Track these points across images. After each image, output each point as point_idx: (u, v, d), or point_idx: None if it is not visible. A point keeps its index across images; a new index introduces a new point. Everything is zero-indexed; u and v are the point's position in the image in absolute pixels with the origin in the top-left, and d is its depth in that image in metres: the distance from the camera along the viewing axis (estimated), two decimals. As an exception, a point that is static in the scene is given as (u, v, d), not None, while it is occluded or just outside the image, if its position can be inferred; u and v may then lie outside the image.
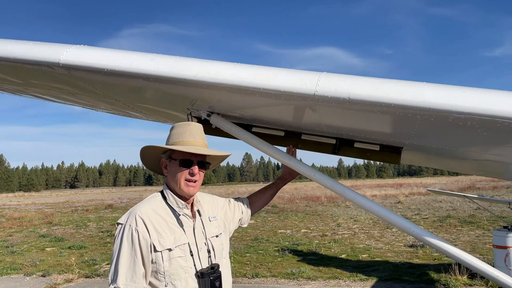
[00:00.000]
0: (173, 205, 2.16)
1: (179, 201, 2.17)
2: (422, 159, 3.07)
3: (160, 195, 2.21)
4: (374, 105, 1.86)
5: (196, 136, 2.22)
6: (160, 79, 2.13)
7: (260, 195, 2.77)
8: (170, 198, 2.17)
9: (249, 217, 2.67)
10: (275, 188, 2.81)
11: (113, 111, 3.42)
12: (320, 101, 1.95)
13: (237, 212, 2.56)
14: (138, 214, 2.03)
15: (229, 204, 2.56)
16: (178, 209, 2.16)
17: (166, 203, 2.15)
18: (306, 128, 2.59)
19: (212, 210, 2.38)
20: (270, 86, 1.98)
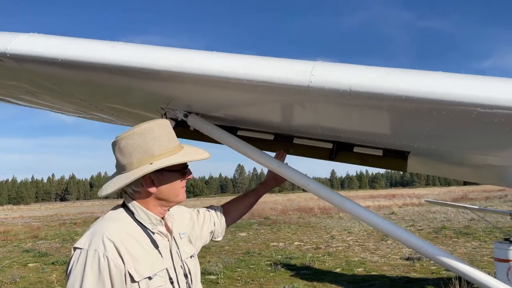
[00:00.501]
0: (145, 221, 1.75)
1: (153, 216, 1.77)
2: (429, 166, 2.73)
3: (124, 210, 1.78)
4: (381, 98, 1.53)
5: (175, 136, 1.89)
6: (124, 70, 1.78)
7: (237, 203, 2.40)
8: (140, 213, 1.75)
9: (223, 229, 2.29)
10: (256, 196, 2.44)
11: (82, 113, 3.06)
12: (315, 94, 1.61)
13: (207, 224, 2.18)
14: (106, 236, 1.61)
15: (197, 216, 2.16)
16: (151, 227, 1.76)
17: (135, 220, 1.76)
18: (298, 130, 2.25)
19: (180, 224, 2.01)
20: (255, 77, 1.64)
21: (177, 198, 1.83)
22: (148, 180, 1.75)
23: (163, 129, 1.81)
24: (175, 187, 1.81)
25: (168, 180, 1.79)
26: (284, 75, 1.62)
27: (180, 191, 1.83)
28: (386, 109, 1.61)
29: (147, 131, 1.77)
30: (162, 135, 1.78)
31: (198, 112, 2.20)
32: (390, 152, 2.27)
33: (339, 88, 1.56)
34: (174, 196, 1.81)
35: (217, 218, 2.25)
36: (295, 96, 1.69)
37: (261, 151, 2.15)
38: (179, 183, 1.82)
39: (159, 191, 1.77)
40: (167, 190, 1.79)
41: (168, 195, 1.79)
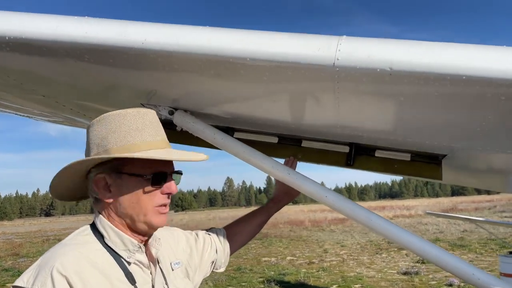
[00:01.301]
0: (118, 247, 1.29)
1: (129, 240, 1.30)
2: (463, 173, 2.34)
3: (92, 232, 1.32)
4: (433, 79, 1.14)
5: (159, 131, 1.38)
6: (92, 49, 1.37)
7: (244, 224, 1.91)
8: (112, 235, 1.30)
9: (227, 257, 1.82)
10: (266, 215, 1.97)
11: (50, 116, 2.61)
12: (342, 77, 1.22)
13: (207, 252, 1.71)
14: (57, 269, 1.15)
15: (195, 241, 1.69)
16: (126, 254, 1.30)
17: (105, 244, 1.29)
18: (310, 130, 1.85)
19: (173, 251, 1.55)
20: (264, 54, 1.24)
21: (145, 218, 1.30)
22: (102, 185, 1.31)
23: (143, 117, 1.36)
24: (140, 201, 1.29)
25: (130, 188, 1.29)
26: (300, 50, 1.22)
27: (149, 209, 1.30)
28: (435, 95, 1.22)
29: (121, 116, 1.35)
30: (143, 124, 1.34)
31: (186, 109, 1.79)
32: (420, 156, 1.88)
33: (376, 67, 1.17)
34: (139, 213, 1.30)
35: (219, 244, 1.77)
36: (314, 81, 1.29)
37: (265, 156, 1.73)
38: (150, 195, 1.30)
39: (117, 202, 1.30)
40: (129, 203, 1.29)
41: (131, 210, 1.30)
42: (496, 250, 14.47)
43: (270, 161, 1.72)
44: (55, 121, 2.88)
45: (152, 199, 1.30)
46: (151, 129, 1.36)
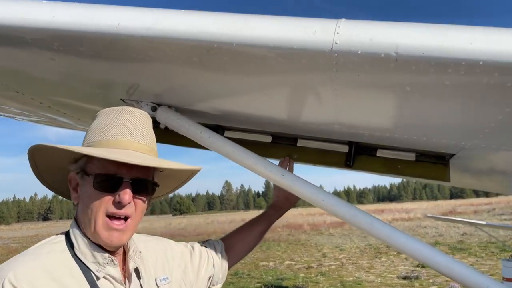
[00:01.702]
0: (87, 259, 1.15)
1: (98, 250, 1.17)
2: (475, 175, 2.18)
3: (64, 240, 1.20)
4: (446, 65, 0.99)
5: (135, 131, 1.24)
6: (60, 36, 1.22)
7: (243, 235, 1.75)
8: (82, 246, 1.16)
9: (225, 272, 1.65)
10: (267, 223, 1.81)
11: (30, 115, 2.45)
12: (341, 63, 1.07)
13: (204, 267, 1.53)
14: (9, 279, 1.01)
15: (191, 255, 1.52)
16: (95, 268, 1.15)
17: (74, 255, 1.16)
18: (306, 127, 1.70)
19: (162, 265, 1.38)
20: (251, 38, 1.09)
21: (95, 229, 1.14)
22: (73, 184, 1.23)
23: (121, 116, 1.26)
24: (92, 205, 1.14)
25: (86, 188, 1.17)
26: (293, 34, 1.07)
27: (99, 217, 1.13)
28: (447, 84, 1.07)
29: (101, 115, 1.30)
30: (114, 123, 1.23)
31: (170, 104, 1.63)
32: (426, 155, 1.73)
33: (380, 51, 1.02)
34: (89, 221, 1.15)
35: (217, 258, 1.60)
36: (310, 69, 1.14)
37: (258, 156, 1.58)
38: (101, 201, 1.14)
39: (80, 204, 1.21)
40: (84, 207, 1.17)
41: (84, 216, 1.17)
42: (497, 253, 14.32)
43: (263, 162, 1.56)
44: (38, 121, 2.73)
45: (101, 205, 1.15)
46: (122, 126, 1.24)
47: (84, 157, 1.19)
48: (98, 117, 1.29)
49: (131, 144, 1.21)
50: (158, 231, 35.27)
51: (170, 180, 1.42)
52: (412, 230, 25.35)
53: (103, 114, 1.28)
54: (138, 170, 1.18)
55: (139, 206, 1.21)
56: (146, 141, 1.27)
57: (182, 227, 39.82)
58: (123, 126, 1.23)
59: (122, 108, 1.29)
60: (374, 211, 55.49)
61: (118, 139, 1.20)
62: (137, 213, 1.21)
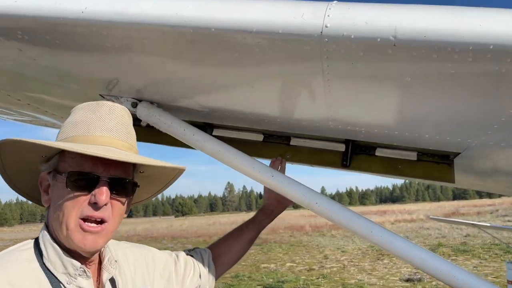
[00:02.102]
0: (56, 269, 1.03)
1: (69, 261, 1.04)
2: (481, 176, 2.05)
3: (33, 247, 1.08)
4: (452, 50, 0.87)
5: (113, 127, 1.12)
6: (23, 23, 1.11)
7: (232, 242, 1.63)
8: (51, 255, 1.04)
9: (212, 283, 1.52)
10: (256, 229, 1.68)
11: (16, 114, 2.34)
12: (333, 50, 0.95)
13: (189, 277, 1.41)
14: None
15: (175, 264, 1.40)
16: (65, 279, 1.03)
17: (42, 264, 1.03)
18: (299, 125, 1.57)
19: (142, 275, 1.26)
20: (232, 21, 0.97)
21: (67, 233, 1.02)
22: (44, 185, 1.11)
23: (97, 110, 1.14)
24: (64, 208, 1.03)
25: (59, 189, 1.05)
26: (279, 17, 0.95)
27: (73, 221, 1.02)
28: (452, 73, 0.95)
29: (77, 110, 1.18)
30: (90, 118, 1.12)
31: (152, 100, 1.52)
32: (429, 155, 1.60)
33: (376, 35, 0.90)
34: (62, 225, 1.03)
35: (203, 268, 1.48)
36: (298, 57, 1.02)
37: (245, 155, 1.45)
38: (74, 203, 1.03)
39: (51, 207, 1.08)
40: (55, 210, 1.05)
41: (56, 219, 1.05)
42: (501, 255, 14.15)
43: (251, 161, 1.44)
44: (23, 121, 2.61)
45: (75, 207, 1.03)
46: (99, 121, 1.12)
47: (56, 155, 1.08)
48: (74, 113, 1.17)
49: (110, 141, 1.09)
50: (160, 232, 35.19)
51: (151, 183, 1.29)
52: (414, 231, 25.18)
53: (79, 109, 1.17)
54: (116, 168, 1.07)
55: (117, 208, 1.09)
56: (126, 138, 1.15)
57: (184, 229, 39.68)
58: (100, 121, 1.11)
59: (100, 103, 1.17)
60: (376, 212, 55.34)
61: (95, 135, 1.08)
62: (115, 217, 1.08)
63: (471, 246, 16.94)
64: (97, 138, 1.08)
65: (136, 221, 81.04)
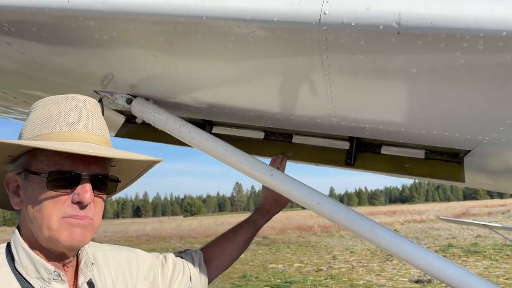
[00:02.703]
0: (29, 274, 0.98)
1: (42, 264, 0.99)
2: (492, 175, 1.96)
3: (4, 252, 1.02)
4: (461, 38, 0.80)
5: (87, 121, 1.06)
6: (8, 14, 1.06)
7: (226, 243, 1.56)
8: (23, 259, 0.99)
9: (205, 285, 1.46)
10: (252, 229, 1.61)
11: (13, 112, 2.31)
12: (332, 39, 0.89)
13: (178, 280, 1.35)
14: None
15: (162, 267, 1.34)
16: (39, 284, 0.98)
17: (14, 269, 0.98)
18: (301, 121, 1.51)
19: (123, 278, 1.20)
20: (224, 9, 0.91)
21: (50, 233, 0.97)
22: (12, 186, 1.03)
23: (66, 104, 1.06)
24: (44, 210, 0.97)
25: (33, 191, 0.99)
26: (275, 4, 0.89)
27: (55, 221, 0.97)
28: (462, 63, 0.88)
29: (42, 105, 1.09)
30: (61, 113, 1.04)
31: (148, 96, 1.46)
32: (437, 153, 1.53)
33: (378, 22, 0.83)
34: (43, 227, 0.97)
35: (194, 270, 1.42)
36: (295, 48, 0.96)
37: (243, 153, 1.39)
38: (55, 203, 0.97)
39: (25, 210, 1.01)
40: (32, 211, 0.99)
41: (34, 222, 0.98)
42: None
43: (249, 159, 1.38)
44: (23, 119, 2.58)
45: (56, 207, 0.97)
46: (71, 116, 1.05)
47: (25, 154, 1.01)
48: (39, 108, 1.09)
49: (85, 136, 1.03)
50: (168, 232, 35.29)
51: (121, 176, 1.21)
52: (424, 232, 24.95)
53: (45, 104, 1.08)
54: (96, 165, 1.02)
55: (99, 206, 1.05)
56: (101, 132, 1.08)
57: (193, 228, 39.75)
58: (72, 115, 1.04)
59: (68, 96, 1.09)
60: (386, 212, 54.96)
61: (70, 131, 1.02)
62: (98, 214, 1.04)
63: (482, 247, 16.71)
64: (72, 134, 1.02)
65: (145, 221, 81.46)
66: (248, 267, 15.07)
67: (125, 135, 1.65)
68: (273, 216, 1.66)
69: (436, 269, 1.19)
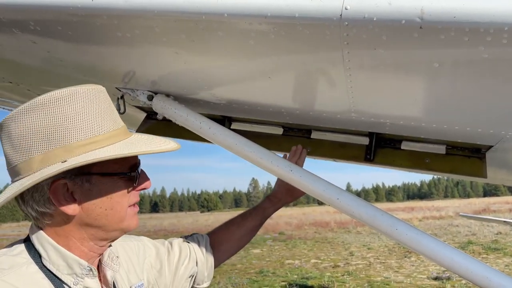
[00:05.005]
0: (60, 270, 0.97)
1: (75, 260, 0.98)
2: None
3: (25, 250, 0.99)
4: (485, 32, 0.79)
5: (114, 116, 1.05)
6: (34, 14, 1.09)
7: (234, 229, 1.56)
8: (53, 256, 0.97)
9: (211, 270, 1.48)
10: (260, 217, 1.61)
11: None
12: (353, 34, 0.89)
13: (184, 265, 1.37)
14: None
15: (168, 253, 1.36)
16: (71, 280, 0.98)
17: (42, 267, 0.96)
18: (320, 117, 1.51)
19: (134, 269, 1.22)
20: (245, 6, 0.92)
21: (122, 225, 1.03)
22: (62, 193, 0.96)
23: (90, 99, 1.01)
24: (116, 205, 1.01)
25: (103, 191, 0.99)
26: (296, 1, 0.89)
27: (126, 212, 1.03)
28: (486, 57, 0.87)
29: (59, 103, 0.98)
30: (87, 111, 0.98)
31: (168, 93, 1.48)
32: (459, 148, 1.51)
33: (400, 17, 0.82)
34: (116, 220, 1.02)
35: (200, 254, 1.44)
36: (316, 43, 0.96)
37: (263, 149, 1.40)
38: (124, 196, 1.02)
39: (86, 211, 0.98)
40: (102, 210, 0.99)
41: (103, 219, 1.00)
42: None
43: (269, 155, 1.39)
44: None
45: (125, 199, 1.04)
46: (111, 112, 1.05)
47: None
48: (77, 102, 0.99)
49: (124, 131, 1.06)
50: (186, 227, 35.59)
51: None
52: (443, 229, 24.58)
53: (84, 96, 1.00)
54: (137, 156, 1.08)
55: None
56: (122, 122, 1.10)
57: (209, 224, 40.01)
58: (105, 113, 1.02)
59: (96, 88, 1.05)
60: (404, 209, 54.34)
61: (118, 129, 1.04)
62: None
63: (502, 244, 16.39)
64: (121, 132, 1.05)
65: (162, 216, 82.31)
66: (265, 262, 15.12)
67: (145, 131, 1.68)
68: (282, 205, 1.66)
69: (458, 265, 1.18)
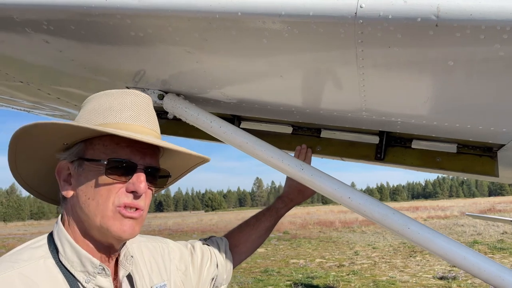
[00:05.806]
0: (74, 267, 0.99)
1: (88, 259, 0.99)
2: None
3: (47, 244, 1.02)
4: (501, 30, 0.79)
5: (143, 115, 1.08)
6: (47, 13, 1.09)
7: (249, 231, 1.59)
8: (69, 252, 0.99)
9: (230, 272, 1.50)
10: (274, 217, 1.63)
11: (45, 109, 2.37)
12: (368, 32, 0.89)
13: (206, 267, 1.39)
14: None
15: (191, 255, 1.37)
16: (83, 277, 0.99)
17: (58, 262, 0.99)
18: (330, 116, 1.50)
19: (158, 270, 1.23)
20: (258, 4, 0.92)
21: (102, 221, 0.98)
22: (64, 174, 1.04)
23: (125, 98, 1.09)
24: (98, 197, 0.98)
25: (89, 178, 1.00)
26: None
27: (108, 208, 0.98)
28: (501, 55, 0.87)
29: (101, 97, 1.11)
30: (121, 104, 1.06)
31: (179, 92, 1.48)
32: (470, 147, 1.50)
33: (416, 15, 0.82)
34: (96, 213, 0.98)
35: (220, 257, 1.45)
36: (330, 41, 0.96)
37: (274, 148, 1.40)
38: (110, 191, 0.99)
39: (76, 197, 1.01)
40: (85, 198, 0.99)
41: (86, 208, 0.99)
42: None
43: (280, 154, 1.39)
44: (54, 115, 2.65)
45: (111, 195, 0.98)
46: (130, 109, 1.07)
47: (81, 142, 1.03)
48: (98, 99, 1.11)
49: (142, 129, 1.05)
50: (190, 227, 35.66)
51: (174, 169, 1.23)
52: (449, 228, 24.47)
53: (105, 96, 1.10)
54: (151, 157, 1.05)
55: (149, 198, 1.06)
56: (155, 127, 1.11)
57: (214, 223, 40.06)
58: (132, 108, 1.06)
59: (126, 91, 1.12)
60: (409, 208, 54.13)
61: (129, 123, 1.04)
62: (147, 206, 1.06)
63: (508, 244, 16.29)
64: (131, 126, 1.03)
65: (167, 215, 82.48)
66: (270, 262, 15.12)
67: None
68: (294, 205, 1.68)
69: (471, 264, 1.17)
